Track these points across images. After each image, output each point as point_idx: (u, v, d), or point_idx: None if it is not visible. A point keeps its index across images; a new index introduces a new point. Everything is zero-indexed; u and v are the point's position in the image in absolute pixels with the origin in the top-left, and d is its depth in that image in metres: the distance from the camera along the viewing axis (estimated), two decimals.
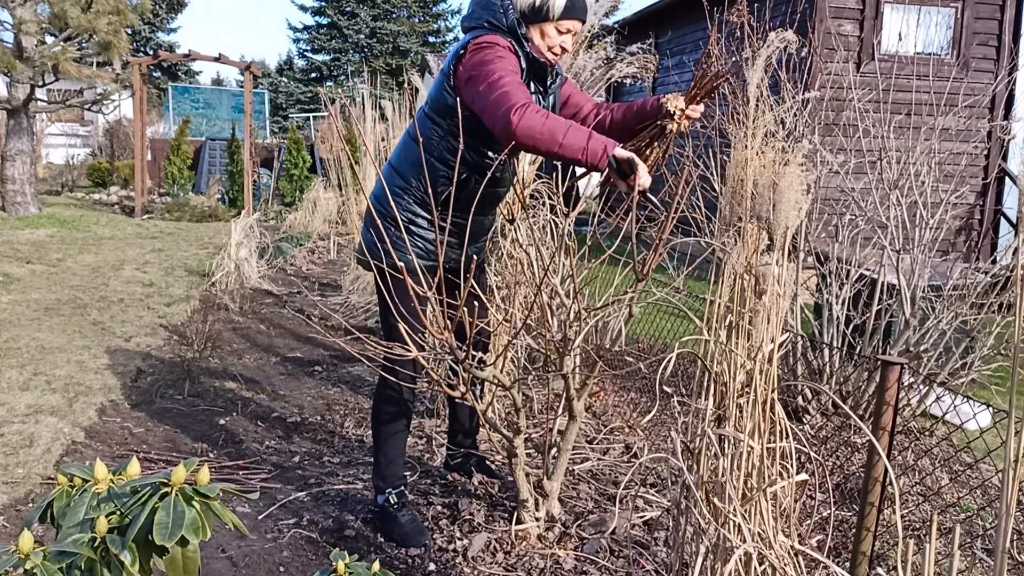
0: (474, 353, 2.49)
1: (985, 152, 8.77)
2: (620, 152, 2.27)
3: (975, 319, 3.73)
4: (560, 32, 2.56)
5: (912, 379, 3.59)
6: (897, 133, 4.00)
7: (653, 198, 2.34)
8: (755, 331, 1.91)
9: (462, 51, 2.52)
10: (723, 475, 1.90)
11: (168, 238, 9.93)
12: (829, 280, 3.92)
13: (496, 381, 2.61)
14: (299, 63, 34.41)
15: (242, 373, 4.63)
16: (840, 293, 3.88)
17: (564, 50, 2.60)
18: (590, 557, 2.59)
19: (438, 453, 3.44)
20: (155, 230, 10.69)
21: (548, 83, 2.65)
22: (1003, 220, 8.99)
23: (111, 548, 1.29)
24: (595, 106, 2.78)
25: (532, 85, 2.58)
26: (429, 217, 2.67)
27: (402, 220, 2.54)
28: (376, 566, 1.48)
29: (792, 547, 1.91)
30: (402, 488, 2.82)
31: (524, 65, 2.53)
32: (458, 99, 2.47)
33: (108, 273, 7.29)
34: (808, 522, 2.68)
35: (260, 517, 2.86)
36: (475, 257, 2.81)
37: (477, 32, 2.54)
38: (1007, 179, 8.99)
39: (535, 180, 3.93)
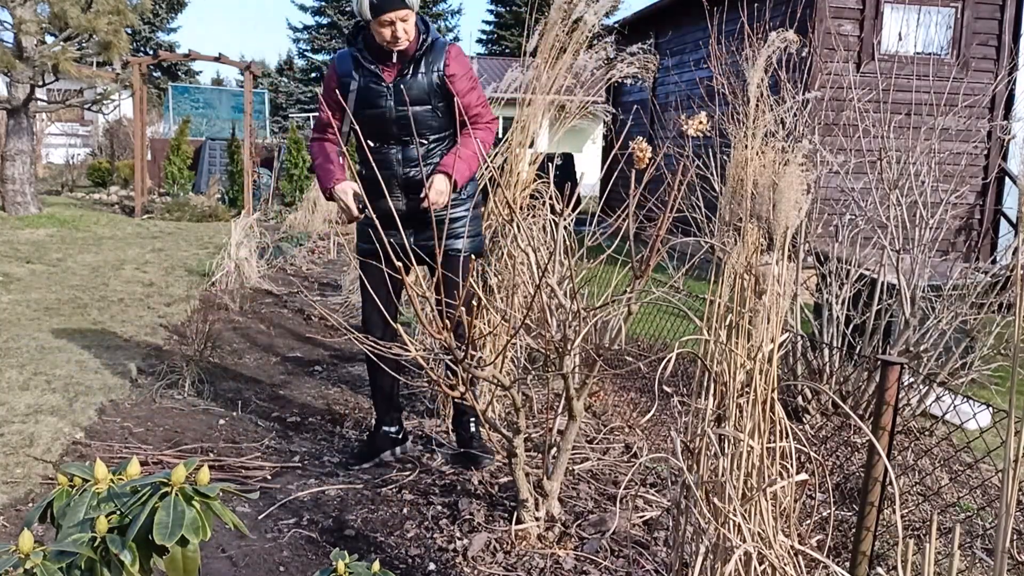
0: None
1: (985, 152, 8.77)
2: (336, 191, 3.09)
3: (975, 319, 3.73)
4: (383, 26, 2.97)
5: (912, 379, 3.59)
6: (897, 133, 4.00)
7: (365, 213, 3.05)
8: (755, 331, 1.91)
9: None
10: (723, 475, 1.90)
11: (168, 238, 9.93)
12: (829, 280, 3.92)
13: (496, 381, 2.61)
14: (299, 63, 34.41)
15: (242, 373, 4.63)
16: (840, 293, 3.88)
17: (397, 38, 3.00)
18: (590, 557, 2.59)
19: (438, 453, 3.44)
20: (155, 230, 10.69)
21: (401, 70, 3.08)
22: (1003, 220, 8.99)
23: (111, 548, 1.29)
24: (471, 130, 3.19)
25: (354, 72, 3.10)
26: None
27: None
28: (376, 566, 1.48)
29: (792, 547, 1.91)
30: (380, 423, 3.39)
31: (343, 69, 3.12)
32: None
33: (108, 273, 7.29)
34: (808, 522, 2.68)
35: (260, 517, 2.86)
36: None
37: None
38: (1007, 179, 8.99)
39: (535, 180, 3.93)
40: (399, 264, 2.30)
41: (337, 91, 3.14)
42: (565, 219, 2.67)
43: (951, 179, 4.42)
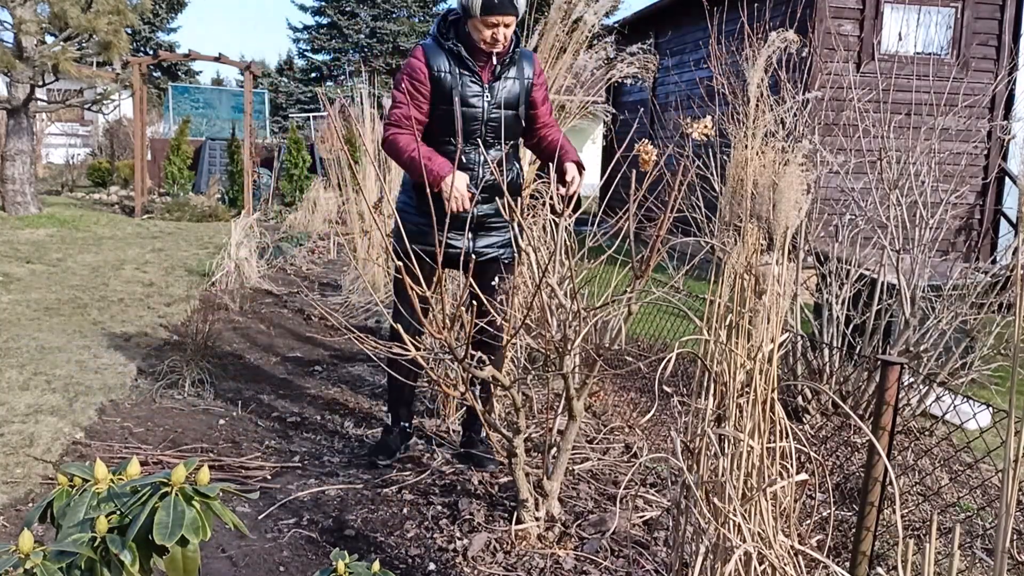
0: (473, 352, 2.50)
1: (985, 152, 8.77)
2: (447, 181, 2.87)
3: (975, 319, 3.73)
4: (488, 26, 2.90)
5: (912, 379, 3.59)
6: (897, 133, 4.00)
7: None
8: (755, 331, 1.91)
9: None
10: (723, 475, 1.90)
11: (168, 238, 9.93)
12: (829, 280, 3.92)
13: (496, 381, 2.61)
14: (299, 63, 34.40)
15: (242, 373, 4.63)
16: (840, 293, 3.88)
17: (496, 40, 2.94)
18: (590, 557, 2.59)
19: (438, 453, 3.44)
20: (155, 230, 10.69)
21: (496, 71, 3.04)
22: (1003, 220, 8.99)
23: (111, 548, 1.29)
24: (549, 132, 3.23)
25: (452, 69, 3.00)
26: (412, 202, 3.09)
27: (398, 207, 3.03)
28: (376, 566, 1.48)
29: (792, 547, 1.91)
30: (397, 420, 3.37)
31: (437, 64, 2.98)
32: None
33: (108, 273, 7.29)
34: (808, 522, 2.68)
35: (260, 517, 2.86)
36: (472, 253, 3.06)
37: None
38: (1007, 179, 8.99)
39: (535, 180, 3.93)
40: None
41: (426, 85, 2.99)
42: (565, 219, 2.67)
43: (951, 179, 4.42)
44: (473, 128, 3.04)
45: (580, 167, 3.05)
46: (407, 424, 3.41)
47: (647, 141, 2.65)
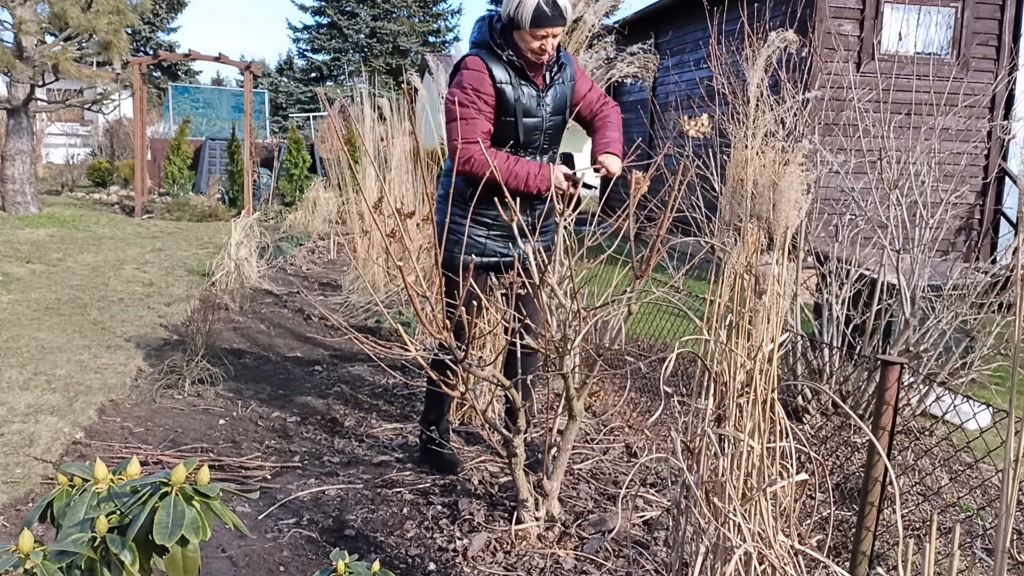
0: (474, 354, 2.50)
1: (985, 152, 8.77)
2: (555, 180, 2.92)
3: (975, 319, 3.73)
4: (536, 38, 2.91)
5: (912, 379, 3.59)
6: (897, 133, 4.00)
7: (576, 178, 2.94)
8: (755, 331, 1.91)
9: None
10: (723, 475, 1.90)
11: (168, 238, 9.93)
12: (829, 280, 3.92)
13: (496, 381, 2.61)
14: (299, 63, 34.42)
15: (242, 373, 4.63)
16: (840, 293, 3.88)
17: (544, 50, 2.94)
18: (590, 557, 2.59)
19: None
20: (155, 230, 10.69)
21: (547, 78, 3.06)
22: (1003, 220, 8.99)
23: (111, 548, 1.29)
24: (600, 116, 3.20)
25: (512, 79, 2.98)
26: (465, 214, 2.95)
27: (446, 222, 2.92)
28: (376, 566, 1.48)
29: (792, 547, 1.91)
30: (443, 428, 3.31)
31: (498, 75, 2.95)
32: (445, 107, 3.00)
33: (108, 273, 7.29)
34: (808, 522, 2.68)
35: (260, 517, 2.86)
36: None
37: (465, 53, 3.05)
38: (1007, 179, 8.99)
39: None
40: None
41: (492, 96, 2.95)
42: (565, 219, 2.67)
43: (951, 179, 4.42)
44: (534, 138, 3.06)
45: (614, 155, 3.03)
46: (446, 430, 3.39)
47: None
